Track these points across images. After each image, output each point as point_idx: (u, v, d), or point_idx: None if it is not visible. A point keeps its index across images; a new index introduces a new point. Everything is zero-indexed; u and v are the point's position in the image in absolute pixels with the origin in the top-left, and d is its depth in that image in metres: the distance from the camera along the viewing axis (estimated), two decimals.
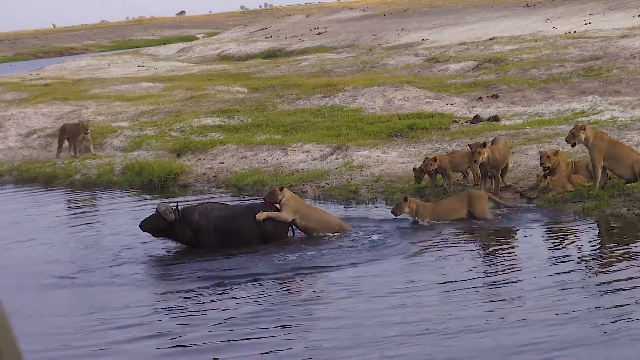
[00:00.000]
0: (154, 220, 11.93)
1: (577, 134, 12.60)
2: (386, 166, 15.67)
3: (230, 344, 8.40)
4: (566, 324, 8.09)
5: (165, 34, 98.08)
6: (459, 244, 11.32)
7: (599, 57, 26.12)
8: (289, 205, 11.99)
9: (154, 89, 29.67)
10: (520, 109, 19.59)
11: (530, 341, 7.78)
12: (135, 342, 8.68)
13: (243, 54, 47.03)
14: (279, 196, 12.01)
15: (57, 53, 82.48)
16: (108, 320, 9.34)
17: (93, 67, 43.30)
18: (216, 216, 12.01)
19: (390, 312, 8.84)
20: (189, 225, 11.91)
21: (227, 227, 11.92)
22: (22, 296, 10.54)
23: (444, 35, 40.58)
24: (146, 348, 8.51)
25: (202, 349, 8.33)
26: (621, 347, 7.58)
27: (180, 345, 8.54)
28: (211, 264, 11.24)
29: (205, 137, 19.58)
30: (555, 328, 8.02)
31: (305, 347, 8.17)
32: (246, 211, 12.14)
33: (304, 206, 12.23)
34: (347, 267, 10.62)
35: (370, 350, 7.90)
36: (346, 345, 8.07)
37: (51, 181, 18.42)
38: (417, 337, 8.11)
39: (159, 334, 8.84)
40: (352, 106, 21.59)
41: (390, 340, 8.07)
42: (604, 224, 11.68)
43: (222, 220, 11.97)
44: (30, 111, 25.01)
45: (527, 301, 8.82)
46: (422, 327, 8.33)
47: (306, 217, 12.08)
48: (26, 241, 13.33)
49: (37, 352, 8.49)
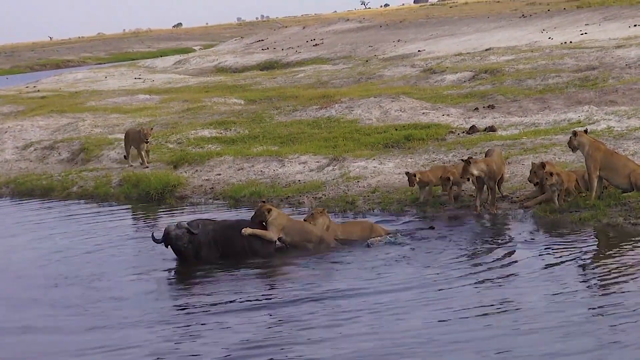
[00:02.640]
0: (180, 236, 11.90)
1: (570, 142, 12.77)
2: (383, 177, 15.68)
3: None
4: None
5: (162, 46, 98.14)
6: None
7: (595, 67, 26.18)
8: (274, 225, 12.01)
9: (151, 101, 29.69)
10: (517, 119, 19.62)
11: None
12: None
13: (240, 65, 47.08)
14: (266, 217, 12.03)
15: (54, 65, 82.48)
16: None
17: (90, 80, 43.33)
18: (211, 229, 12.05)
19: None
20: (192, 241, 11.94)
21: (223, 240, 11.95)
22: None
23: (440, 46, 40.64)
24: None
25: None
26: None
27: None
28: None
29: (202, 149, 19.58)
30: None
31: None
32: (236, 224, 12.20)
33: (290, 222, 12.23)
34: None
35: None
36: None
37: (48, 193, 18.40)
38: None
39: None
40: (348, 117, 21.61)
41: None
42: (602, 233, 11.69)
43: (216, 233, 12.01)
44: (27, 124, 25.02)
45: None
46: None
47: (291, 233, 12.11)
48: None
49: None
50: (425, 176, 14.03)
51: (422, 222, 13.23)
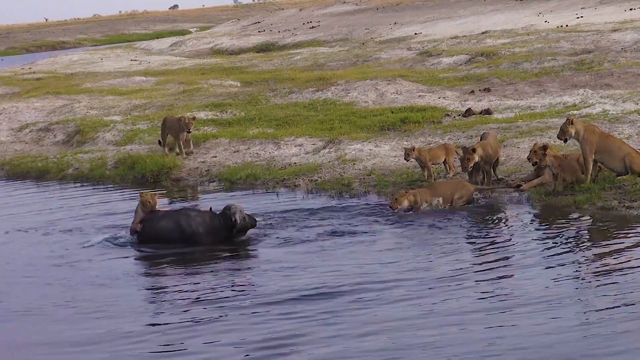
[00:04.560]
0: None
1: (566, 130, 12.67)
2: (379, 160, 15.70)
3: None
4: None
5: (158, 28, 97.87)
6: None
7: (591, 51, 26.19)
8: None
9: (147, 83, 29.65)
10: (512, 103, 19.63)
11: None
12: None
13: (236, 48, 47.00)
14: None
15: (50, 47, 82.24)
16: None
17: (86, 62, 43.24)
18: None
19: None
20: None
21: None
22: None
23: (436, 29, 40.60)
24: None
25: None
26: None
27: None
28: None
29: (197, 131, 19.56)
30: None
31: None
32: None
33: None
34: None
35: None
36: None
37: (43, 175, 18.39)
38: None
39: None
40: (344, 100, 21.61)
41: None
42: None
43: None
44: (22, 105, 24.98)
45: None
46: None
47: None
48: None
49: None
50: (423, 154, 14.07)
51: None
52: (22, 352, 8.62)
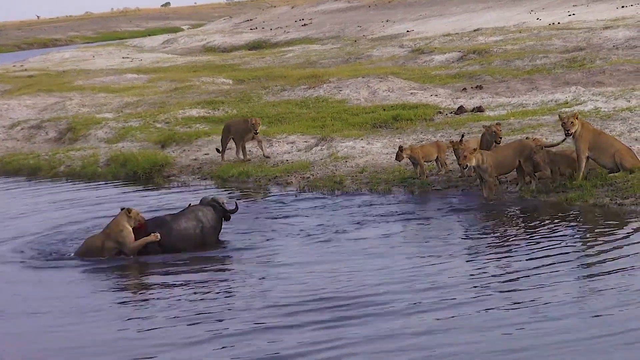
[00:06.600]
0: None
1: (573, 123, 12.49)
2: (371, 157, 15.70)
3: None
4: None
5: (150, 25, 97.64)
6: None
7: (583, 48, 26.23)
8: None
9: (139, 81, 29.61)
10: (504, 100, 19.65)
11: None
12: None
13: (228, 45, 46.95)
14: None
15: (41, 44, 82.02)
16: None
17: (77, 59, 43.16)
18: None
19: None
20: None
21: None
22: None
23: (428, 27, 40.61)
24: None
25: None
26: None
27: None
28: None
29: (190, 129, 19.55)
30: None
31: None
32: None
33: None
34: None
35: None
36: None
37: (35, 173, 18.35)
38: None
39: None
40: (337, 97, 21.60)
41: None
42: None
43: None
44: (14, 103, 24.93)
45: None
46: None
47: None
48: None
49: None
50: (415, 152, 14.06)
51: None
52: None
